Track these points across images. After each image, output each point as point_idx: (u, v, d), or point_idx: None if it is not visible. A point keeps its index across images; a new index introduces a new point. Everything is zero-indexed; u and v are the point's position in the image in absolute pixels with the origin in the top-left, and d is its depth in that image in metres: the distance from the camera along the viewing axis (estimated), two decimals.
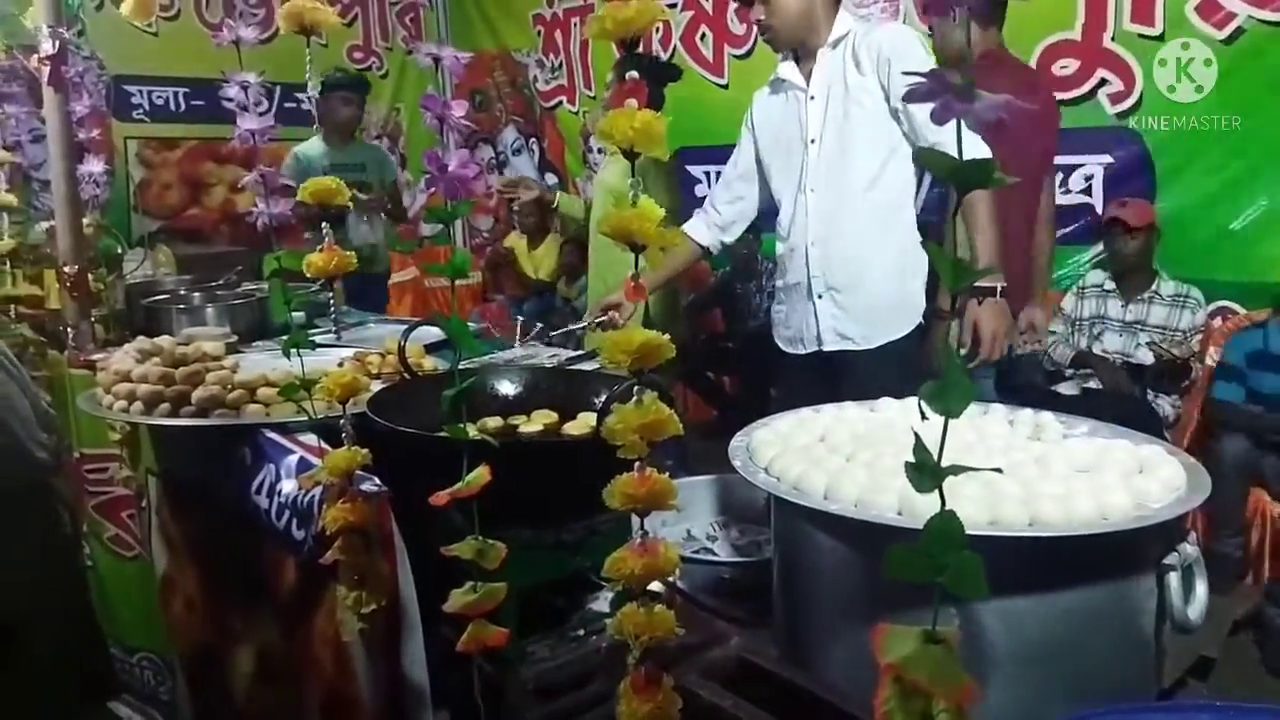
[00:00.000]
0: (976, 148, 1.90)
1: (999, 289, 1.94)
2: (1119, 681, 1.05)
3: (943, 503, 0.56)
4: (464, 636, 0.95)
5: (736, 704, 0.86)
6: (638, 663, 0.77)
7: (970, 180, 0.50)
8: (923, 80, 0.49)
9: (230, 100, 1.18)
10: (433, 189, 0.90)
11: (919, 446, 0.56)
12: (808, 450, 1.19)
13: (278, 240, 1.21)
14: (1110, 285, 3.12)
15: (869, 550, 1.02)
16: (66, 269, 1.94)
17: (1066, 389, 3.19)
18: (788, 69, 2.17)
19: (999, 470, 0.58)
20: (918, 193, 2.16)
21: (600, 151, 4.77)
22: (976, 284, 1.92)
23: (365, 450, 1.11)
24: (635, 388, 0.74)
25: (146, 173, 5.06)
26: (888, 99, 2.02)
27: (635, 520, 0.77)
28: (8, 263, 2.37)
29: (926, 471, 0.55)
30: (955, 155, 0.50)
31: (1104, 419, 1.36)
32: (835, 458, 1.16)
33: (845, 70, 2.06)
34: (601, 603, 1.38)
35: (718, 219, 2.32)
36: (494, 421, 1.47)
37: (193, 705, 1.82)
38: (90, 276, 2.00)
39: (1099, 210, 3.08)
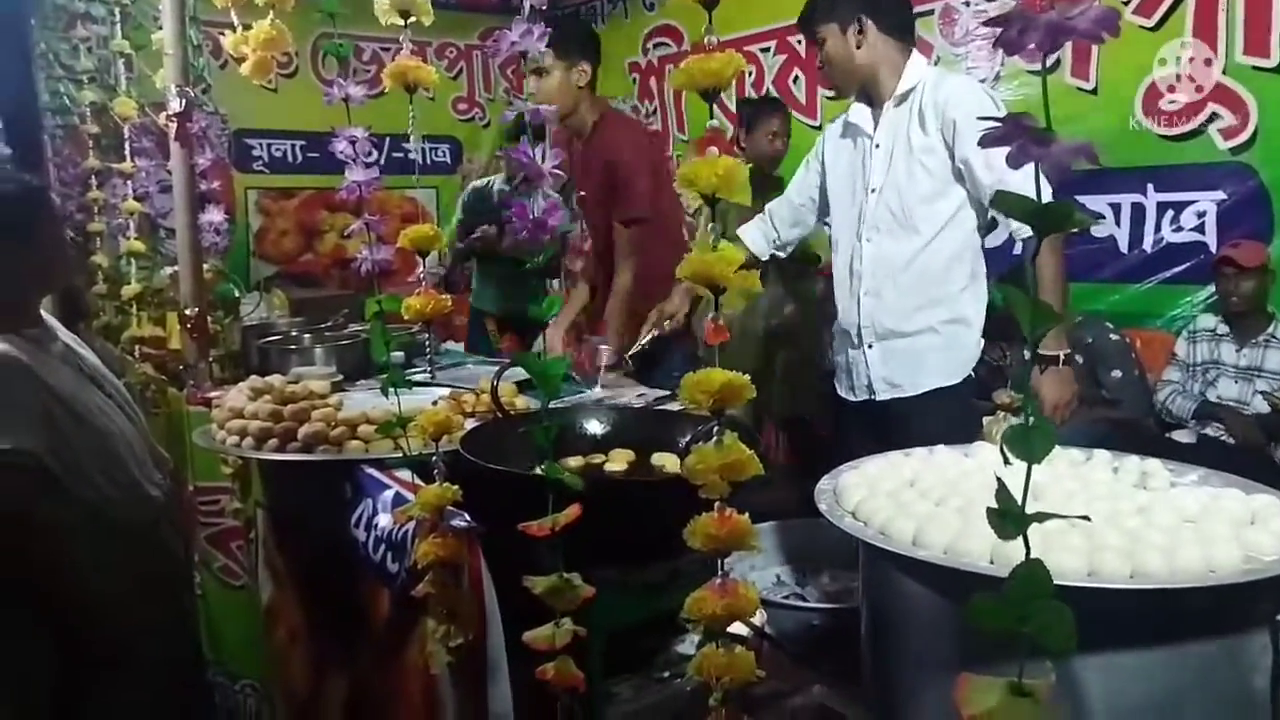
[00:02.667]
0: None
1: (1061, 357, 1.95)
2: None
3: (1027, 550, 0.54)
4: (548, 667, 0.97)
5: None
6: (719, 705, 0.77)
7: (1050, 224, 0.50)
8: (998, 125, 0.50)
9: (340, 153, 1.25)
10: (521, 234, 0.93)
11: (1002, 492, 0.55)
12: (896, 494, 1.17)
13: (380, 284, 1.27)
14: (1223, 329, 2.97)
15: (959, 599, 0.99)
16: (187, 312, 2.07)
17: (1183, 436, 3.04)
18: (858, 112, 2.16)
19: (1087, 518, 0.57)
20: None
21: None
22: (1040, 351, 1.91)
23: (456, 486, 1.15)
24: (716, 428, 0.75)
25: (264, 220, 5.36)
26: (952, 157, 2.00)
27: (719, 561, 0.77)
28: (134, 306, 2.54)
29: (1010, 518, 0.54)
30: (1032, 198, 0.50)
31: (1219, 469, 1.30)
32: (924, 503, 1.14)
33: (910, 126, 2.04)
34: (687, 645, 1.38)
35: (776, 238, 2.37)
36: (576, 460, 1.49)
37: None
38: (209, 319, 2.12)
39: (1212, 249, 2.95)
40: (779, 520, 2.09)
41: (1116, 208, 3.19)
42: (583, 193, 2.70)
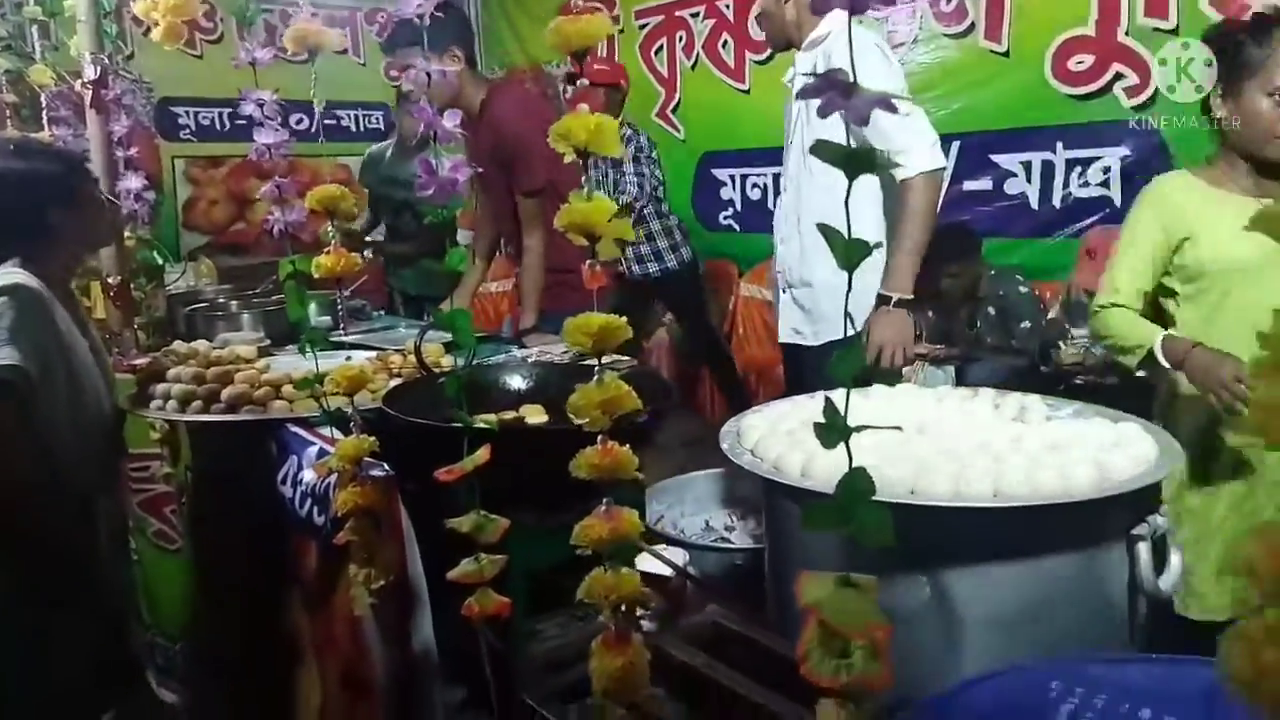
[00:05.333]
0: (916, 134, 1.93)
1: (894, 299, 1.97)
2: (1090, 646, 1.09)
3: (849, 460, 0.62)
4: (468, 601, 1.02)
5: (709, 663, 0.92)
6: (609, 619, 0.84)
7: (856, 167, 0.57)
8: (815, 78, 0.56)
9: (247, 118, 1.28)
10: (425, 191, 0.98)
11: (829, 407, 0.62)
12: (792, 433, 1.25)
13: (294, 247, 1.30)
14: None
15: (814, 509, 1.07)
16: (110, 280, 2.07)
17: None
18: (796, 63, 2.20)
19: (898, 428, 0.64)
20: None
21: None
22: (880, 290, 1.98)
23: (372, 438, 1.19)
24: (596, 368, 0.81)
25: (193, 190, 5.26)
26: None
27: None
28: None
29: (832, 430, 0.61)
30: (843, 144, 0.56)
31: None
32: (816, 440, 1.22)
33: (814, 72, 2.09)
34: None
35: None
36: (507, 415, 1.55)
37: (228, 688, 1.92)
38: (132, 286, 2.12)
39: (1117, 203, 3.08)
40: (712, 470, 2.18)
41: (1028, 165, 3.31)
42: (480, 169, 2.70)
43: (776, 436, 1.24)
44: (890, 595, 0.63)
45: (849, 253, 0.58)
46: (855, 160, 0.56)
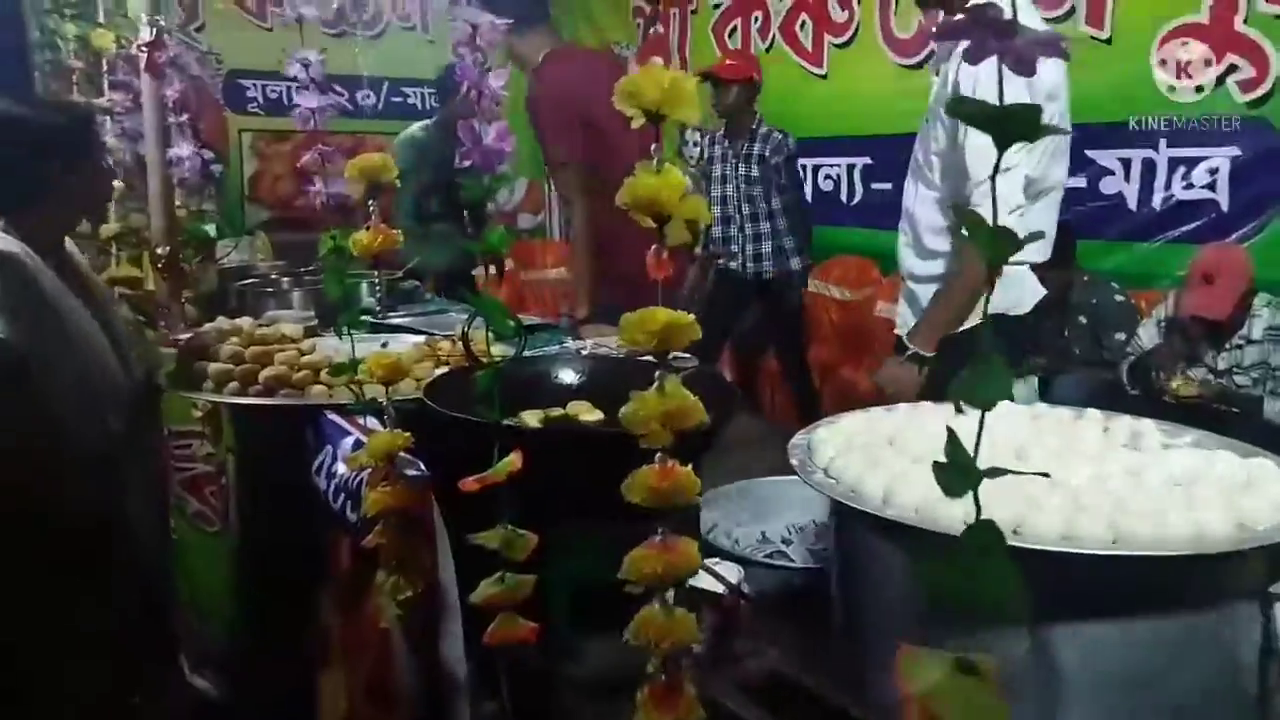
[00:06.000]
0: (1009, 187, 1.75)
1: (909, 352, 1.88)
2: (1211, 716, 0.94)
3: (977, 509, 0.48)
4: (490, 629, 0.92)
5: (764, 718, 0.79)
6: (657, 670, 0.72)
7: (1014, 131, 0.43)
8: (957, 18, 0.42)
9: (293, 80, 1.18)
10: (469, 162, 0.86)
11: (953, 443, 0.49)
12: (870, 450, 1.11)
13: (340, 220, 1.21)
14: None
15: (929, 561, 0.94)
16: (159, 251, 2.01)
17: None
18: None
19: (1046, 474, 0.50)
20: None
21: (695, 145, 4.70)
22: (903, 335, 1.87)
23: (407, 434, 1.09)
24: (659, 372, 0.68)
25: (259, 164, 5.27)
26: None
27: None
28: (113, 245, 2.47)
29: (957, 473, 0.47)
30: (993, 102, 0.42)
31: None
32: (900, 460, 1.08)
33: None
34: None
35: None
36: (555, 412, 1.44)
37: (261, 682, 1.85)
38: (180, 259, 2.06)
39: (1224, 207, 2.84)
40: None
41: (1127, 163, 3.09)
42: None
43: (853, 454, 1.10)
44: (983, 647, 0.50)
45: (992, 246, 0.44)
46: (1009, 122, 0.42)
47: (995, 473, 0.46)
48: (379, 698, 1.25)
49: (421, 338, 1.86)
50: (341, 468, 1.34)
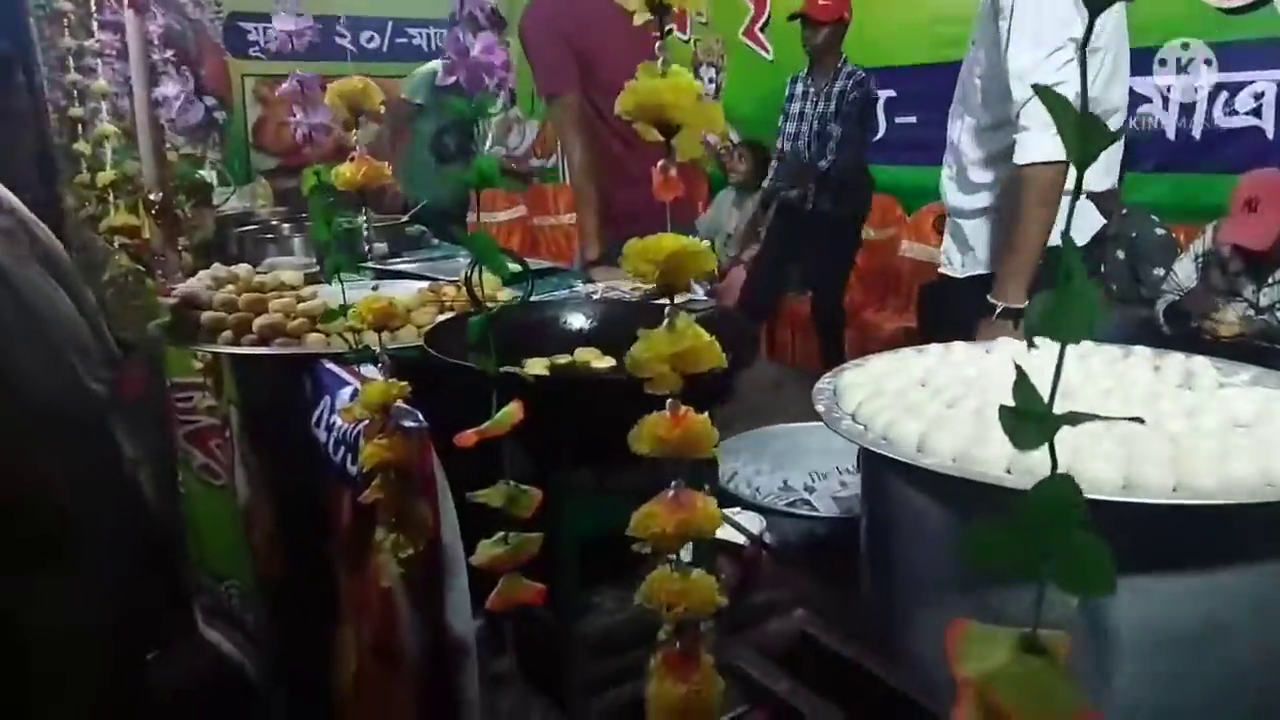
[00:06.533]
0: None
1: (999, 308, 1.74)
2: (1275, 676, 0.87)
3: (1054, 463, 0.40)
4: (493, 593, 0.86)
5: (793, 689, 0.72)
6: (670, 637, 0.65)
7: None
8: None
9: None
10: (454, 76, 0.77)
11: (1023, 386, 0.40)
12: (903, 394, 1.02)
13: (334, 157, 1.12)
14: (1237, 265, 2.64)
15: (969, 514, 0.86)
16: (151, 196, 1.93)
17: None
18: None
19: (1140, 420, 0.41)
20: None
21: (711, 81, 4.55)
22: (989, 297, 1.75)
23: (403, 383, 1.02)
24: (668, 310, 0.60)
25: (263, 110, 5.15)
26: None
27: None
28: (110, 193, 2.39)
29: (1031, 421, 0.39)
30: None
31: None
32: (935, 404, 0.99)
33: None
34: (685, 551, 1.28)
35: None
36: (561, 359, 1.36)
37: (274, 636, 1.82)
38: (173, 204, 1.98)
39: (1269, 135, 2.69)
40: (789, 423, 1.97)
41: (1166, 90, 2.93)
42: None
43: (883, 398, 1.02)
44: (1030, 604, 0.43)
45: (1078, 138, 0.35)
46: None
47: (1077, 418, 0.38)
48: (384, 657, 1.20)
49: (425, 283, 1.78)
50: (340, 419, 1.28)
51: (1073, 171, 0.37)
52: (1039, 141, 1.64)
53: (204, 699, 1.96)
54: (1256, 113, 2.73)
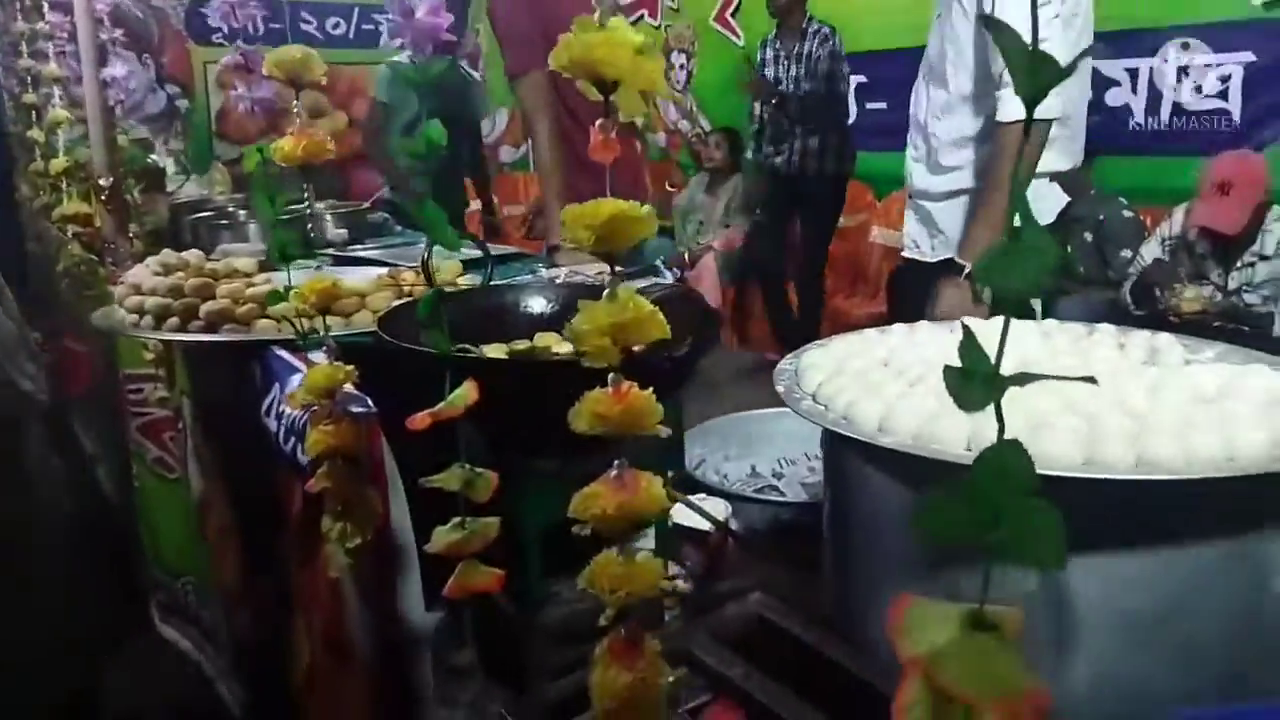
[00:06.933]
0: None
1: (966, 269, 1.74)
2: (1241, 662, 0.85)
3: (1000, 427, 0.37)
4: (451, 579, 0.83)
5: (748, 674, 0.70)
6: (614, 622, 0.62)
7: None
8: None
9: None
10: (398, 39, 0.74)
11: (970, 346, 0.38)
12: (864, 374, 1.00)
13: (269, 128, 1.08)
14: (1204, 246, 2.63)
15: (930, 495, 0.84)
16: (101, 182, 1.87)
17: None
18: None
19: (1092, 380, 0.39)
20: None
21: (682, 68, 4.51)
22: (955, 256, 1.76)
23: (349, 368, 0.98)
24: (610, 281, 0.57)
25: (225, 98, 5.05)
26: None
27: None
28: (63, 181, 2.32)
29: (976, 381, 0.37)
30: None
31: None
32: (897, 384, 0.97)
33: None
34: (647, 539, 1.25)
35: None
36: (520, 344, 1.33)
37: (229, 632, 1.78)
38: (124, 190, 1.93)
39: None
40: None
41: (1134, 73, 2.93)
42: None
43: (845, 378, 1.00)
44: (983, 584, 0.41)
45: (1031, 74, 0.33)
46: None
47: (1024, 379, 0.36)
48: (334, 650, 1.17)
49: (384, 269, 1.74)
50: (289, 407, 1.24)
51: (1023, 112, 0.34)
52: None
53: (161, 697, 1.92)
54: (1223, 95, 2.73)
